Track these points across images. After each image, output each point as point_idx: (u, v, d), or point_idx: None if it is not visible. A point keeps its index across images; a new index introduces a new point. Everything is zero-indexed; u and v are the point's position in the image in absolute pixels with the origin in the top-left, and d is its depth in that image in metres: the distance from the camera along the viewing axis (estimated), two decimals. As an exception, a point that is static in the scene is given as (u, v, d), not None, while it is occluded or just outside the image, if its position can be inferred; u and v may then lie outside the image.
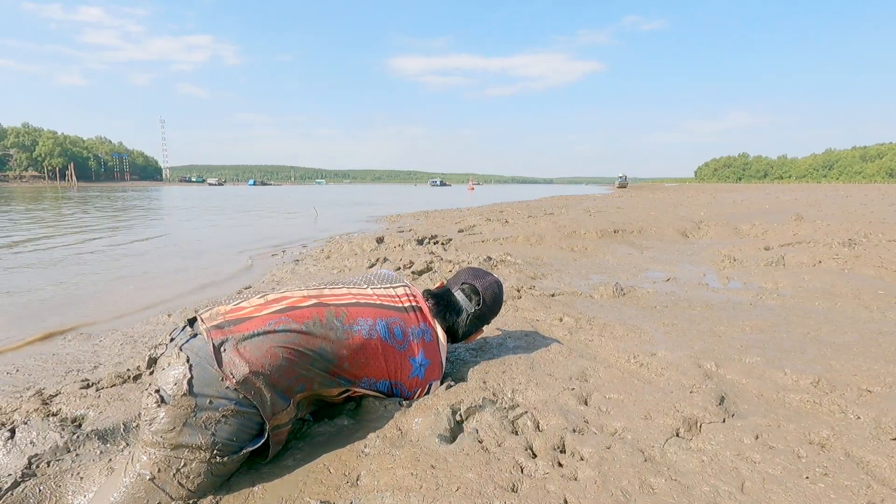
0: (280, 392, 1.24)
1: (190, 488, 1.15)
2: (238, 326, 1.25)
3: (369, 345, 1.41)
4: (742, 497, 1.12)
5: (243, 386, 1.18)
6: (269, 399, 1.22)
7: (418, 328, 1.54)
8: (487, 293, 1.77)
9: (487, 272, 1.88)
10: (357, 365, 1.40)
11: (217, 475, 1.18)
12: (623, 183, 63.00)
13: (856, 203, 13.23)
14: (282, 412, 1.25)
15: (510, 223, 8.23)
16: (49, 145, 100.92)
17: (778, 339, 2.25)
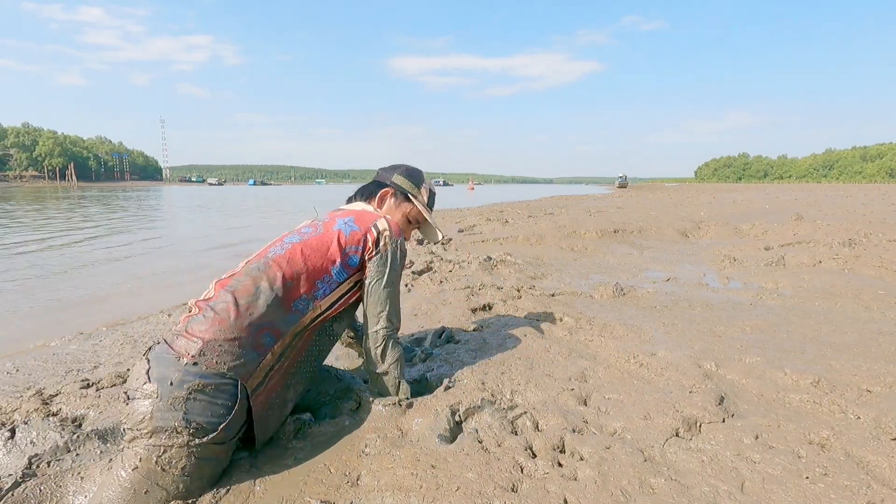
0: (248, 348, 1.23)
1: (177, 476, 1.13)
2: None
3: (294, 252, 1.40)
4: (742, 497, 1.12)
5: (203, 357, 1.18)
6: (236, 356, 1.21)
7: (329, 217, 1.56)
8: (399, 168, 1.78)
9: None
10: (298, 276, 1.36)
11: (204, 461, 1.16)
12: (623, 183, 63.00)
13: (856, 203, 13.23)
14: (256, 369, 1.24)
15: (510, 223, 8.23)
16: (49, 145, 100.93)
17: (778, 339, 2.25)
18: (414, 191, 1.73)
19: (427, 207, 1.77)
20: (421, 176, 1.78)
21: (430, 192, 1.79)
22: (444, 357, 1.97)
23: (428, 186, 1.78)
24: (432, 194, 1.81)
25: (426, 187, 1.77)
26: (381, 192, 1.71)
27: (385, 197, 1.71)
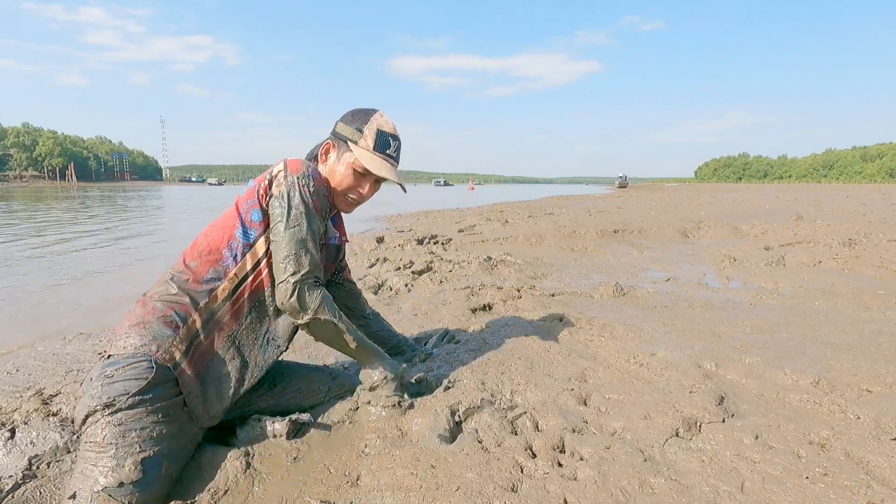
0: (158, 327, 1.25)
1: (112, 448, 1.11)
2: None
3: (197, 237, 1.40)
4: (742, 497, 1.12)
5: (114, 348, 1.23)
6: (144, 337, 1.23)
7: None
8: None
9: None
10: (200, 254, 1.35)
11: (129, 428, 1.13)
12: (623, 183, 63.02)
13: (856, 203, 13.23)
14: (171, 345, 1.24)
15: (510, 223, 8.23)
16: (49, 145, 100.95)
17: (778, 339, 2.24)
18: (355, 135, 1.46)
19: (379, 152, 1.46)
20: (367, 115, 1.48)
21: (378, 133, 1.46)
22: (444, 357, 1.97)
23: (377, 126, 1.46)
24: (383, 135, 1.47)
25: (373, 128, 1.46)
26: (322, 148, 1.51)
27: (327, 152, 1.51)
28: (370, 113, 1.49)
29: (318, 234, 1.39)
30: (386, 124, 1.49)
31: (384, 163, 1.47)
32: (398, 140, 1.52)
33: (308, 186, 1.36)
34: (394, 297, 3.20)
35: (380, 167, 1.46)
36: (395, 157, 1.51)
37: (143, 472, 1.10)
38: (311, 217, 1.35)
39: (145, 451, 1.13)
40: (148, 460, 1.12)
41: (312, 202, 1.36)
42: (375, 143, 1.46)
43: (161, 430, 1.17)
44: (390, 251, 5.26)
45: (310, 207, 1.35)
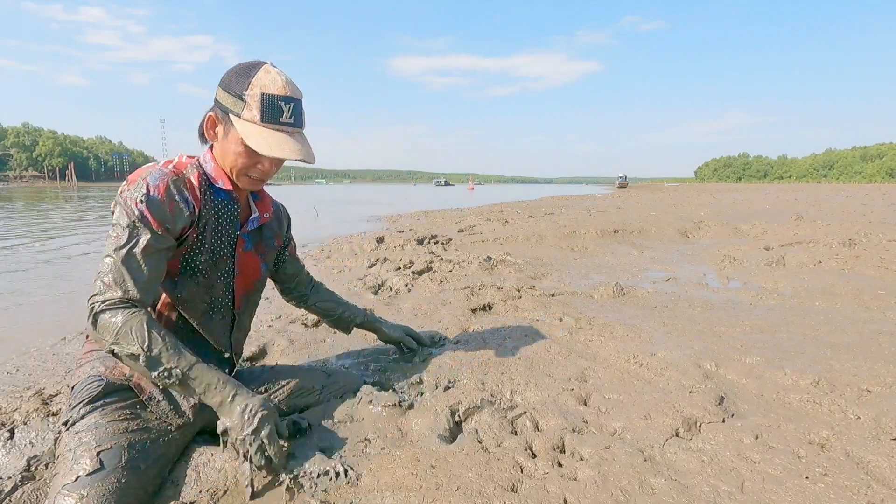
0: (106, 352, 1.23)
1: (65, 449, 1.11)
2: None
3: None
4: (742, 497, 1.12)
5: (76, 376, 1.26)
6: (99, 358, 1.26)
7: None
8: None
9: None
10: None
11: (84, 433, 1.13)
12: (623, 183, 63.05)
13: (856, 203, 13.24)
14: (117, 363, 1.25)
15: (510, 223, 8.23)
16: (49, 145, 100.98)
17: (778, 339, 2.24)
18: (237, 105, 1.18)
19: (269, 123, 1.17)
20: (248, 76, 1.17)
21: (264, 99, 1.15)
22: (443, 357, 1.97)
23: (261, 90, 1.16)
24: (271, 100, 1.16)
25: (256, 93, 1.16)
26: (206, 122, 1.26)
27: (213, 126, 1.26)
28: (251, 71, 1.18)
29: (155, 245, 1.17)
30: (273, 83, 1.17)
31: (278, 135, 1.18)
32: (293, 100, 1.19)
33: (136, 198, 1.15)
34: (394, 297, 3.20)
35: (272, 145, 1.17)
36: (292, 122, 1.20)
37: (101, 463, 1.08)
38: (136, 230, 1.15)
39: (101, 445, 1.11)
40: (105, 452, 1.10)
41: (147, 210, 1.15)
42: (262, 112, 1.16)
43: (118, 427, 1.16)
44: (390, 251, 5.26)
45: (134, 220, 1.15)
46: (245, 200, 1.41)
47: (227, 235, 1.34)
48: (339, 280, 3.84)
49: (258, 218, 1.43)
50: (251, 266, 1.45)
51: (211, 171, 1.30)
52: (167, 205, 1.18)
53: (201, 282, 1.30)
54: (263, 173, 1.28)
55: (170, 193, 1.19)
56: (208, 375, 1.17)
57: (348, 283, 3.62)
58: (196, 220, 1.25)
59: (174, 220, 1.20)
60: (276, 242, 1.54)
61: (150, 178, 1.18)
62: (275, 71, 1.20)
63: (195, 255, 1.28)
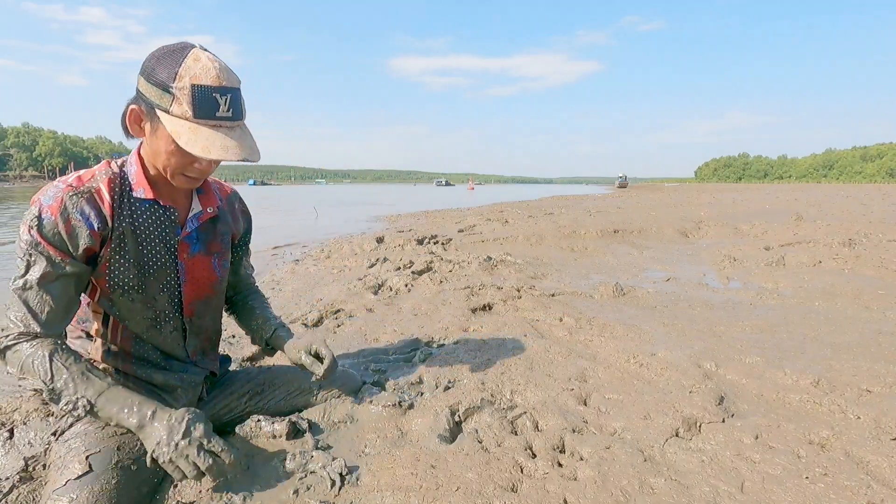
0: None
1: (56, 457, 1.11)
2: None
3: None
4: (742, 497, 1.12)
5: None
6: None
7: None
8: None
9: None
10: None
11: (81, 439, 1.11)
12: (623, 183, 63.10)
13: (856, 203, 13.24)
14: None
15: (510, 223, 8.22)
16: (49, 145, 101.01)
17: (778, 339, 2.24)
18: (163, 99, 1.02)
19: (203, 119, 1.02)
20: (174, 65, 1.01)
21: (195, 91, 1.00)
22: (443, 357, 1.97)
23: (191, 80, 1.00)
24: (204, 92, 1.01)
25: (185, 85, 1.00)
26: (128, 116, 1.10)
27: (137, 121, 1.11)
28: (178, 58, 1.02)
29: (55, 272, 1.08)
30: (205, 72, 1.01)
31: (214, 134, 1.04)
32: (230, 90, 1.04)
33: (28, 224, 1.07)
34: (394, 297, 3.20)
35: (209, 146, 1.03)
36: (230, 116, 1.06)
37: (90, 466, 1.06)
38: (31, 259, 1.07)
39: (90, 450, 1.09)
40: (94, 456, 1.08)
41: (39, 235, 1.06)
42: (194, 106, 1.01)
43: (108, 431, 1.14)
44: (390, 251, 5.25)
45: (28, 249, 1.06)
46: (184, 199, 1.28)
47: (160, 244, 1.22)
48: (339, 280, 3.84)
49: (200, 214, 1.29)
50: (203, 269, 1.32)
51: (132, 177, 1.18)
52: (62, 226, 1.07)
53: (136, 298, 1.20)
54: (201, 172, 1.14)
55: (64, 213, 1.07)
56: (121, 399, 1.08)
57: (348, 283, 3.62)
58: (108, 234, 1.13)
59: (73, 241, 1.08)
60: (230, 238, 1.41)
61: (43, 198, 1.08)
62: (206, 56, 1.03)
63: (120, 272, 1.17)
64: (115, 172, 1.18)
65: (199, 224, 1.30)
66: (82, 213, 1.10)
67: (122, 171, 1.19)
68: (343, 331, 2.48)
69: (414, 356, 2.01)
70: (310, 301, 3.16)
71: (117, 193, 1.16)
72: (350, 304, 2.93)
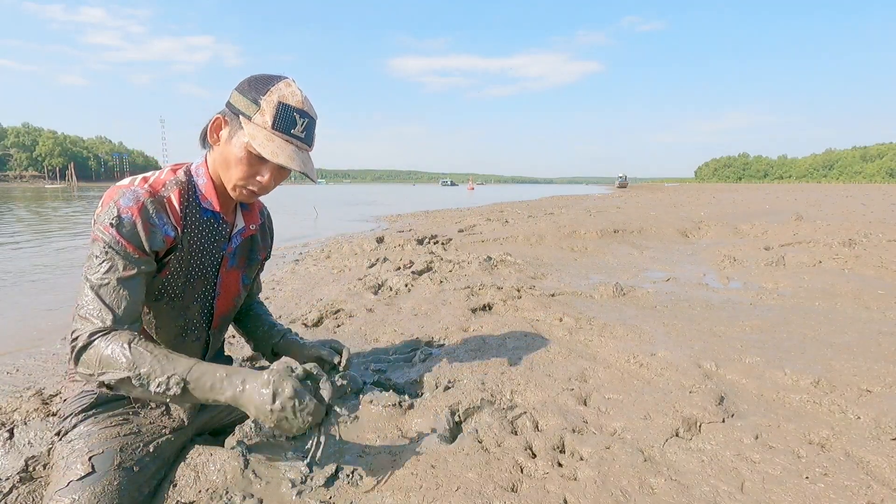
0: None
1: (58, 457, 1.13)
2: None
3: None
4: (742, 497, 1.12)
5: (69, 390, 1.27)
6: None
7: None
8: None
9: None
10: None
11: (76, 440, 1.14)
12: (623, 183, 63.10)
13: (856, 203, 13.24)
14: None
15: (510, 223, 8.22)
16: (49, 145, 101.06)
17: (778, 339, 2.24)
18: (250, 109, 1.13)
19: (279, 132, 1.12)
20: (268, 84, 1.14)
21: (279, 107, 1.11)
22: (443, 357, 1.97)
23: (278, 98, 1.12)
24: (286, 109, 1.12)
25: (273, 100, 1.11)
26: (212, 124, 1.19)
27: (218, 128, 1.19)
28: (273, 80, 1.15)
29: (132, 269, 1.11)
30: (292, 96, 1.14)
31: (286, 145, 1.13)
32: (308, 116, 1.16)
33: (107, 223, 1.10)
34: (394, 297, 3.20)
35: (277, 151, 1.11)
36: (302, 138, 1.16)
37: (93, 467, 1.07)
38: (109, 256, 1.09)
39: (93, 451, 1.11)
40: (97, 457, 1.10)
41: (118, 234, 1.09)
42: (275, 119, 1.11)
43: (110, 433, 1.16)
44: (390, 251, 5.26)
45: (106, 247, 1.09)
46: (232, 214, 1.32)
47: (210, 256, 1.26)
48: (339, 280, 3.84)
49: (243, 230, 1.33)
50: (233, 283, 1.36)
51: (202, 188, 1.22)
52: (141, 227, 1.11)
53: (176, 305, 1.23)
54: (262, 187, 1.19)
55: (144, 214, 1.12)
56: (210, 374, 1.07)
57: (348, 283, 3.62)
58: (176, 244, 1.17)
59: (149, 242, 1.12)
60: (260, 255, 1.45)
61: (121, 200, 1.12)
62: (296, 85, 1.17)
63: (172, 280, 1.20)
64: (183, 182, 1.20)
65: (241, 241, 1.34)
66: (160, 219, 1.14)
67: (190, 179, 1.22)
68: (343, 331, 2.48)
69: (414, 356, 2.01)
70: (310, 301, 3.16)
71: (186, 203, 1.19)
72: (350, 304, 2.93)
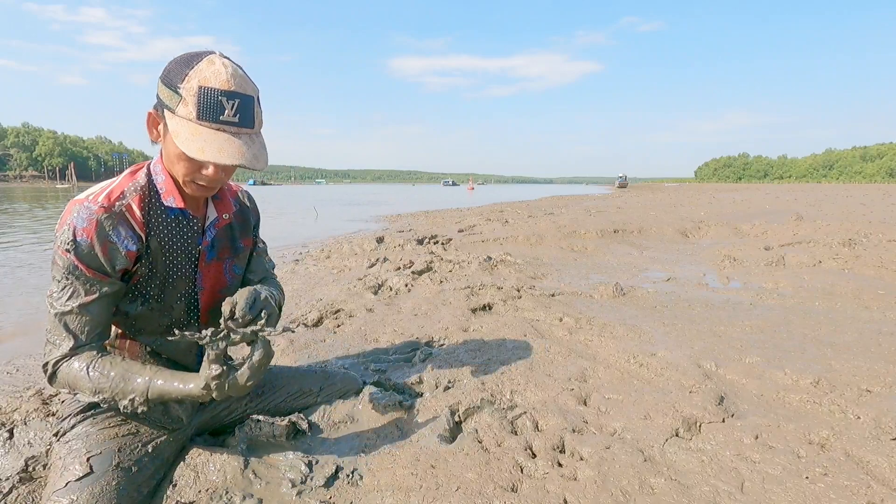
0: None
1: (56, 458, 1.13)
2: None
3: None
4: (742, 497, 1.12)
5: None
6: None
7: None
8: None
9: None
10: None
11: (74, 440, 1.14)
12: (623, 183, 63.11)
13: (856, 203, 13.23)
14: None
15: (510, 223, 8.22)
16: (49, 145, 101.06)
17: (778, 339, 2.24)
18: (172, 99, 1.01)
19: (206, 121, 0.99)
20: (187, 67, 1.00)
21: (201, 93, 0.98)
22: (443, 357, 1.97)
23: (199, 83, 0.98)
24: (210, 94, 0.98)
25: (192, 86, 0.98)
26: (147, 121, 1.10)
27: (155, 125, 1.10)
28: (193, 61, 1.01)
29: (93, 293, 1.08)
30: (215, 76, 0.99)
31: (215, 136, 1.00)
32: (238, 96, 1.01)
33: (64, 247, 1.05)
34: (394, 297, 3.20)
35: (203, 147, 0.99)
36: (235, 122, 1.02)
37: (91, 468, 1.07)
38: (68, 282, 1.06)
39: (91, 451, 1.11)
40: (95, 457, 1.09)
41: (76, 258, 1.05)
42: (199, 108, 0.99)
43: (108, 433, 1.15)
44: (390, 251, 5.26)
45: (65, 272, 1.06)
46: (203, 206, 1.26)
47: (185, 255, 1.21)
48: (339, 280, 3.84)
49: (217, 221, 1.27)
50: (216, 276, 1.31)
51: (161, 185, 1.15)
52: (98, 248, 1.06)
53: (156, 307, 1.20)
54: (211, 180, 1.09)
55: (101, 235, 1.06)
56: (167, 388, 1.08)
57: (348, 283, 3.62)
58: (142, 252, 1.13)
59: (110, 262, 1.08)
60: (242, 243, 1.38)
61: (76, 221, 1.05)
62: (220, 62, 1.01)
63: (144, 285, 1.17)
64: (143, 185, 1.15)
65: (215, 232, 1.28)
66: (118, 234, 1.09)
67: (150, 180, 1.16)
68: (343, 331, 2.48)
69: (414, 356, 2.01)
70: (310, 301, 3.16)
71: (147, 207, 1.14)
72: (350, 304, 2.93)
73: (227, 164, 1.01)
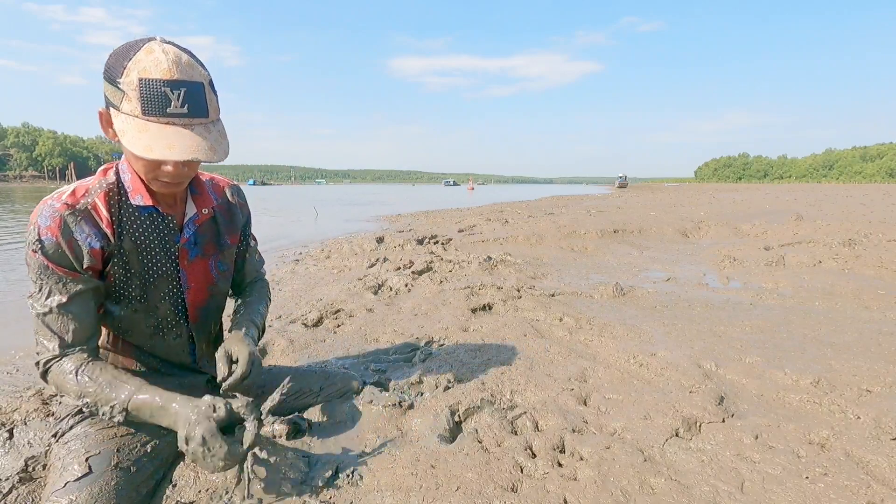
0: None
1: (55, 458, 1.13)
2: None
3: None
4: (742, 497, 1.12)
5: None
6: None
7: None
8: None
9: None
10: None
11: (72, 441, 1.13)
12: (623, 183, 63.13)
13: (856, 203, 13.23)
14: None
15: (510, 223, 8.22)
16: (49, 145, 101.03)
17: (778, 339, 2.24)
18: (116, 95, 0.95)
19: (153, 116, 0.93)
20: (125, 59, 0.93)
21: (142, 85, 0.91)
22: (443, 357, 1.97)
23: (138, 75, 0.92)
24: (151, 86, 0.91)
25: (132, 79, 0.92)
26: (100, 122, 1.02)
27: (108, 126, 1.01)
28: (132, 51, 0.94)
29: (70, 290, 1.07)
30: (155, 66, 0.92)
31: (162, 131, 0.94)
32: (185, 84, 0.94)
33: (31, 247, 1.04)
34: (394, 297, 3.20)
35: (150, 144, 0.93)
36: (185, 113, 0.95)
37: (90, 468, 1.07)
38: (42, 282, 1.06)
39: (90, 451, 1.10)
40: (94, 458, 1.09)
41: (44, 258, 1.04)
42: (142, 102, 0.92)
43: (107, 434, 1.15)
44: (390, 251, 5.25)
45: (37, 272, 1.05)
46: (180, 203, 1.22)
47: (163, 253, 1.18)
48: (339, 280, 3.84)
49: (196, 217, 1.23)
50: (202, 273, 1.28)
51: (128, 183, 1.12)
52: (65, 246, 1.04)
53: (140, 307, 1.19)
54: (173, 176, 1.04)
55: (65, 233, 1.04)
56: (148, 406, 1.07)
57: (348, 283, 3.62)
58: (111, 251, 1.10)
59: (78, 260, 1.06)
60: (229, 240, 1.33)
61: (40, 220, 1.03)
62: (160, 49, 0.93)
63: (123, 285, 1.15)
64: (111, 183, 1.12)
65: (196, 228, 1.24)
66: (81, 232, 1.06)
67: (118, 178, 1.13)
68: (343, 331, 2.48)
69: (414, 356, 2.01)
70: (310, 301, 3.16)
71: (115, 206, 1.11)
72: (350, 304, 2.93)
73: (179, 159, 0.95)
